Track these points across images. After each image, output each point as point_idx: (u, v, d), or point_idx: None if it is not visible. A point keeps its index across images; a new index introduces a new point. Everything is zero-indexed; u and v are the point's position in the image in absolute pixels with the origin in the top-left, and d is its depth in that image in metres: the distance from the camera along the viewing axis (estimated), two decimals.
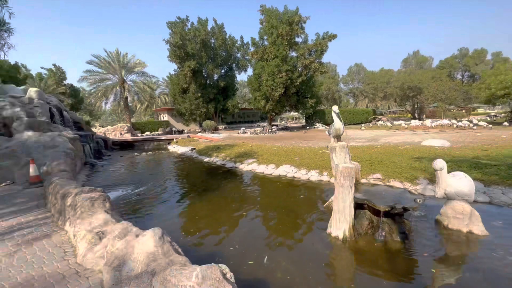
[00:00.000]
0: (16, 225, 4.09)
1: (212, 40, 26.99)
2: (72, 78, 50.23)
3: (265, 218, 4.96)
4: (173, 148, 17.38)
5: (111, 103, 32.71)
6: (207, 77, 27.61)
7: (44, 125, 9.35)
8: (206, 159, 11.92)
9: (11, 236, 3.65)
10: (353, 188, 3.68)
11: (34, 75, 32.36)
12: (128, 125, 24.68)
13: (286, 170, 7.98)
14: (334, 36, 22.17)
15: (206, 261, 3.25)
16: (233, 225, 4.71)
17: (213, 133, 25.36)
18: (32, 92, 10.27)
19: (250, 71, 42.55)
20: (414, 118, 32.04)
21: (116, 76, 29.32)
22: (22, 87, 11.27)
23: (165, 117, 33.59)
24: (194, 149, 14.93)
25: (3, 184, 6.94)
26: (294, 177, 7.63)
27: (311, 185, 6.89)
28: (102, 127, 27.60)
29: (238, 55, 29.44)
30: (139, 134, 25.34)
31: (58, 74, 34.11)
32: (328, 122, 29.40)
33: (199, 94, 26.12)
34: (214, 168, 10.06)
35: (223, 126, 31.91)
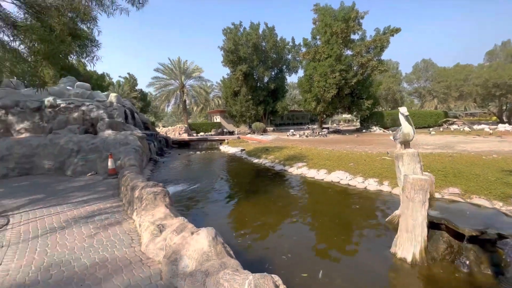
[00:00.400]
0: (97, 210, 4.78)
1: (263, 43, 27.43)
2: (142, 84, 57.72)
3: (317, 227, 4.68)
4: (224, 148, 18.19)
5: (172, 106, 36.36)
6: (258, 80, 28.17)
7: (120, 125, 10.87)
8: (255, 161, 12.07)
9: (93, 220, 4.27)
10: (427, 204, 3.13)
11: (114, 82, 38.32)
12: (186, 125, 26.95)
13: (340, 177, 7.44)
14: (397, 30, 20.02)
15: (256, 267, 3.20)
16: (283, 230, 4.57)
17: (262, 134, 25.68)
18: (112, 96, 12.08)
19: (301, 72, 41.85)
20: (502, 122, 26.46)
21: (177, 81, 32.43)
22: (105, 93, 13.38)
23: (217, 118, 35.59)
24: (244, 150, 15.32)
25: (89, 174, 8.29)
26: (348, 184, 7.05)
27: (368, 194, 6.25)
28: (164, 127, 30.80)
29: (289, 56, 29.21)
30: (194, 134, 27.41)
31: (131, 81, 39.64)
32: (387, 125, 26.65)
33: (250, 97, 26.83)
34: (262, 170, 10.10)
35: (272, 128, 32.05)
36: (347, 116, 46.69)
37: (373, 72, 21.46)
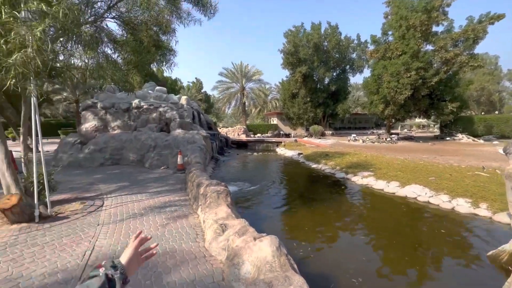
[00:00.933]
0: (168, 202, 5.30)
1: (325, 43, 26.26)
2: (206, 87, 62.97)
3: (391, 249, 4.07)
4: (281, 151, 18.11)
5: (232, 108, 38.46)
6: (318, 81, 27.16)
7: (188, 125, 11.98)
8: (314, 166, 11.56)
9: (164, 210, 4.73)
10: None
11: (184, 86, 42.95)
12: (244, 127, 28.04)
13: (416, 192, 6.39)
14: (499, 17, 16.30)
15: (321, 286, 2.95)
16: (347, 247, 4.14)
17: (320, 138, 24.60)
18: (183, 99, 13.45)
19: (366, 72, 38.48)
20: None
21: (238, 84, 34.09)
22: (177, 96, 15.00)
23: (274, 120, 35.87)
24: (301, 154, 14.91)
25: (162, 167, 9.35)
26: (428, 202, 5.98)
27: (458, 218, 5.14)
28: (224, 127, 32.78)
29: (354, 55, 27.20)
30: (252, 135, 28.26)
31: (198, 84, 43.67)
32: (478, 133, 21.98)
33: (308, 99, 26.09)
34: (322, 177, 9.57)
35: (331, 132, 30.40)
36: (421, 120, 40.61)
37: (461, 69, 18.03)
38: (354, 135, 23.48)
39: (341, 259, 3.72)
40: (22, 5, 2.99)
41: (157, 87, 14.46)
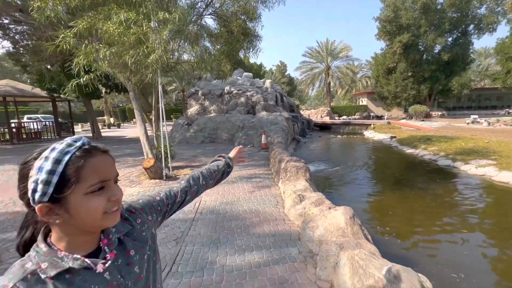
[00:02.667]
0: (253, 174, 6.04)
1: (440, 0, 20.92)
2: (290, 69, 62.55)
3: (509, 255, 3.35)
4: (369, 134, 16.47)
5: (316, 89, 37.05)
6: (424, 51, 22.36)
7: (272, 107, 12.63)
8: (409, 151, 10.07)
9: (251, 180, 5.47)
10: None
11: (268, 70, 44.31)
12: (328, 108, 26.76)
13: None
14: None
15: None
16: (447, 240, 3.66)
17: (423, 120, 20.66)
18: (267, 82, 14.15)
19: (502, 31, 28.62)
20: None
21: (323, 64, 32.30)
22: (262, 80, 15.87)
23: (363, 101, 32.38)
24: (395, 137, 13.15)
25: (249, 146, 10.43)
26: None
27: None
28: (307, 110, 32.25)
29: (481, 10, 20.61)
30: (336, 118, 26.71)
31: (281, 67, 44.05)
32: None
33: (409, 74, 22.01)
34: (418, 163, 8.30)
35: (440, 113, 24.87)
36: None
37: None
38: (476, 116, 18.43)
39: (437, 251, 3.37)
40: (153, 17, 4.02)
41: (244, 73, 15.71)
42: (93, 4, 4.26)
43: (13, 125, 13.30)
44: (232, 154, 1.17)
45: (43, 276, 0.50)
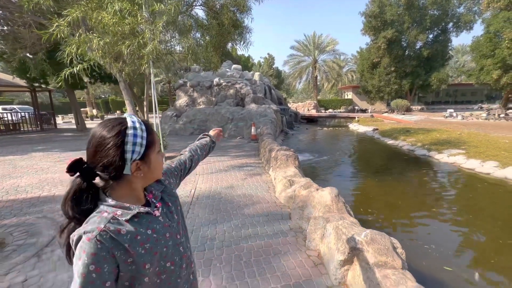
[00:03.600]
0: (245, 163, 6.30)
1: None
2: (277, 63, 62.53)
3: (475, 231, 3.85)
4: (354, 126, 17.14)
5: (303, 82, 37.52)
6: (406, 47, 23.23)
7: (261, 99, 12.84)
8: (390, 142, 10.71)
9: (243, 169, 5.72)
10: None
11: (255, 63, 44.16)
12: (315, 102, 27.32)
13: None
14: None
15: None
16: (420, 220, 4.11)
17: (404, 114, 21.68)
18: (256, 75, 14.29)
19: (477, 30, 30.02)
20: None
21: (310, 57, 32.67)
22: (250, 72, 15.97)
23: (349, 95, 33.27)
24: (377, 129, 13.83)
25: (238, 137, 10.64)
26: None
27: None
28: (294, 103, 32.71)
29: (461, 8, 21.62)
30: (323, 111, 27.36)
31: (269, 60, 44.04)
32: None
33: (392, 69, 22.86)
34: (397, 153, 8.89)
35: (420, 107, 26.14)
36: None
37: None
38: (451, 110, 19.60)
39: (412, 229, 3.81)
40: (148, 8, 4.08)
41: (233, 65, 15.73)
42: None
43: None
44: (212, 133, 1.37)
45: (121, 219, 0.66)
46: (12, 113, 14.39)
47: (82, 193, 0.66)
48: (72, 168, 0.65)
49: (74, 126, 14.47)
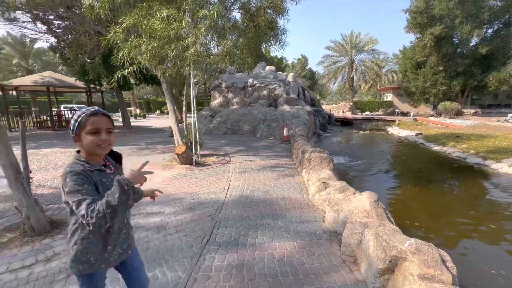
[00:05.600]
0: (276, 164, 6.30)
1: None
2: (311, 63, 61.31)
3: None
4: (393, 130, 16.01)
5: (338, 83, 36.17)
6: (458, 44, 20.97)
7: (294, 100, 12.71)
8: (436, 148, 9.77)
9: (275, 169, 5.73)
10: None
11: (289, 64, 43.83)
12: (350, 104, 26.14)
13: None
14: None
15: None
16: (471, 236, 3.71)
17: (453, 118, 19.59)
18: (290, 76, 14.19)
19: None
20: None
21: (347, 57, 31.38)
22: (284, 73, 15.91)
23: (388, 96, 31.16)
24: (421, 134, 12.72)
25: (270, 138, 10.67)
26: None
27: None
28: (328, 105, 31.69)
29: None
30: (359, 113, 26.05)
31: (303, 61, 43.37)
32: None
33: (440, 68, 20.82)
34: (445, 160, 8.07)
35: (473, 111, 23.38)
36: None
37: None
38: None
39: (469, 249, 3.45)
40: (191, 14, 4.34)
41: (267, 67, 15.83)
42: (135, 1, 4.68)
43: (53, 113, 14.60)
44: (131, 176, 1.03)
45: (90, 168, 1.08)
46: (71, 111, 16.38)
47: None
48: None
49: (121, 124, 15.91)
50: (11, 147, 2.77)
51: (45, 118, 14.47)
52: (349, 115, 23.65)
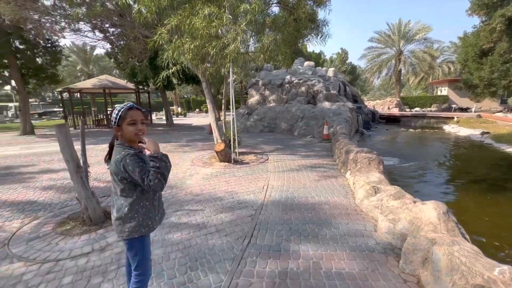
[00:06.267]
0: (317, 164, 5.97)
1: None
2: (352, 57, 57.68)
3: None
4: (451, 128, 14.13)
5: (382, 78, 33.38)
6: None
7: (334, 96, 12.04)
8: (509, 149, 8.28)
9: (315, 169, 5.42)
10: None
11: (327, 59, 41.97)
12: (398, 99, 23.91)
13: None
14: None
15: None
16: None
17: None
18: (330, 71, 13.48)
19: None
20: None
21: (394, 48, 28.74)
22: (323, 68, 15.18)
23: (443, 90, 27.69)
24: (487, 133, 10.97)
25: (308, 136, 10.27)
26: None
27: None
28: (371, 100, 29.49)
29: None
30: (407, 110, 23.69)
31: (342, 55, 41.11)
32: None
33: None
34: None
35: None
36: None
37: None
38: None
39: None
40: (231, 10, 4.28)
41: (306, 62, 15.30)
42: (179, 3, 4.80)
43: (108, 112, 16.27)
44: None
45: (135, 151, 1.34)
46: None
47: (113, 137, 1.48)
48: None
49: (164, 122, 17.02)
50: (73, 143, 3.04)
51: (101, 117, 16.21)
52: (395, 111, 21.64)
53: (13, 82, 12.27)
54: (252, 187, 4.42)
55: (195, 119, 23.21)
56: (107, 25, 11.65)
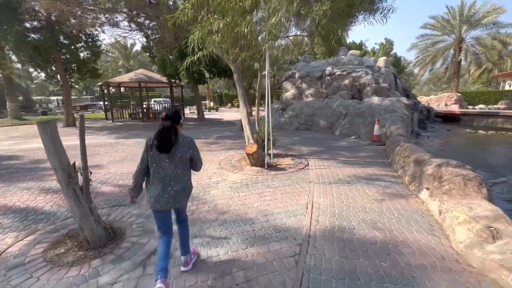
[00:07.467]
0: (372, 174, 4.71)
1: None
2: (397, 48, 52.12)
3: None
4: None
5: (436, 70, 29.27)
6: None
7: (385, 90, 10.30)
8: None
9: (373, 183, 4.19)
10: None
11: (369, 50, 38.38)
12: (458, 94, 20.53)
13: None
14: None
15: None
16: None
17: None
18: (381, 61, 11.66)
19: None
20: None
21: (453, 35, 24.80)
22: (372, 58, 13.30)
23: None
24: None
25: (353, 137, 8.84)
26: None
27: None
28: (424, 96, 26.03)
29: None
30: (469, 107, 20.23)
31: (386, 46, 37.23)
32: None
33: None
34: None
35: None
36: None
37: None
38: None
39: None
40: (260, 6, 3.24)
41: (351, 51, 13.59)
42: None
43: (144, 106, 16.51)
44: None
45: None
46: (157, 104, 18.26)
47: (169, 128, 1.88)
48: (168, 117, 1.87)
49: (196, 116, 16.75)
50: (63, 145, 2.33)
51: (137, 110, 16.51)
52: (455, 108, 18.55)
53: (58, 76, 12.86)
54: (292, 204, 3.41)
55: (226, 113, 22.80)
56: (142, 17, 11.45)
